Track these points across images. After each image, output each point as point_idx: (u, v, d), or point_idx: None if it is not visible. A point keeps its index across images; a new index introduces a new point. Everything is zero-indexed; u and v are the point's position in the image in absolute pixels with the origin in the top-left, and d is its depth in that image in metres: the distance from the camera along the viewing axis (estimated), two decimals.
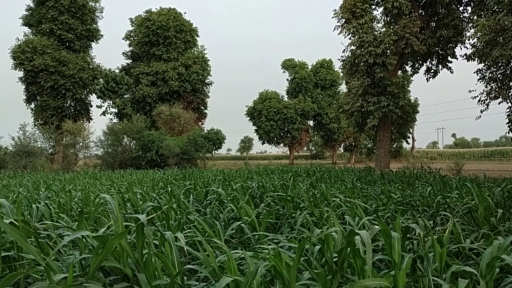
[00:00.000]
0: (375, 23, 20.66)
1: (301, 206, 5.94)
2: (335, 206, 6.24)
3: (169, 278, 2.77)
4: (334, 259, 2.80)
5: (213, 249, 3.49)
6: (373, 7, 21.54)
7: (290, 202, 5.91)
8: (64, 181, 15.22)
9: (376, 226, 3.27)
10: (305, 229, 4.75)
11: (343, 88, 53.27)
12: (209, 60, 50.65)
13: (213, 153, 54.36)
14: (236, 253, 3.13)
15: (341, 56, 21.07)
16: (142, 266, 2.60)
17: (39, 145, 35.98)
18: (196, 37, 50.88)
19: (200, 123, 50.26)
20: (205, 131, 45.59)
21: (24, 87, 42.60)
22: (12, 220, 2.63)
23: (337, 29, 20.67)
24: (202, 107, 51.26)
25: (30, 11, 43.29)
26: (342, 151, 64.47)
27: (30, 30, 43.32)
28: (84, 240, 3.04)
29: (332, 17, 20.74)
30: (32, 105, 43.22)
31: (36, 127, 38.23)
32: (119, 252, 2.57)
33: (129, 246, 2.62)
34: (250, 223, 4.94)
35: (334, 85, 55.28)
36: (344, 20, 20.34)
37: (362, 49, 19.11)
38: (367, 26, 19.55)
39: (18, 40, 42.10)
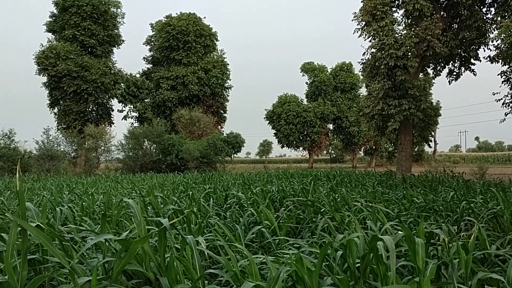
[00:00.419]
0: (395, 25, 20.43)
1: (321, 210, 5.90)
2: (356, 211, 6.17)
3: (190, 282, 2.78)
4: (357, 265, 2.77)
5: (234, 253, 3.49)
6: (394, 9, 21.33)
7: (311, 207, 5.87)
8: (87, 185, 15.46)
9: (399, 232, 3.22)
10: (326, 234, 4.71)
11: (363, 91, 52.88)
12: (228, 64, 50.98)
13: (232, 156, 54.60)
14: (257, 257, 3.12)
15: (361, 59, 20.90)
16: (164, 270, 2.62)
17: (62, 149, 36.70)
18: (215, 41, 51.22)
19: (219, 126, 50.51)
20: (225, 134, 45.82)
21: (47, 92, 43.61)
22: (38, 223, 2.68)
23: (357, 31, 20.52)
24: (222, 111, 51.52)
25: (53, 18, 44.32)
26: (362, 154, 63.89)
27: (54, 36, 44.34)
28: (107, 243, 3.07)
29: (352, 20, 20.62)
30: (56, 110, 44.21)
31: (59, 131, 39.01)
32: (141, 255, 2.59)
33: (151, 250, 2.64)
34: (271, 227, 4.92)
35: (354, 88, 54.85)
36: (364, 22, 20.18)
37: (383, 52, 18.91)
38: (388, 28, 19.34)
39: (42, 46, 43.18)
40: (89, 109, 44.28)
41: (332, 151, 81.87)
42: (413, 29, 19.53)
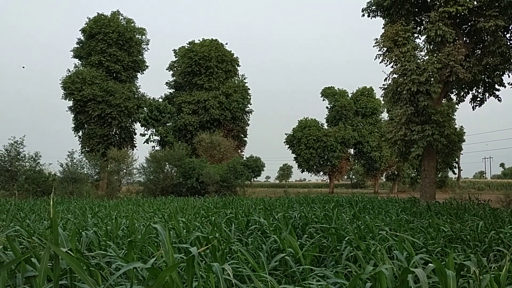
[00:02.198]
0: (417, 51, 20.39)
1: (345, 238, 5.80)
2: (381, 239, 6.06)
3: None
4: None
5: (256, 282, 3.45)
6: (416, 35, 21.35)
7: (334, 234, 5.78)
8: (109, 208, 15.62)
9: (430, 264, 3.15)
10: (351, 264, 4.62)
11: (384, 116, 52.53)
12: (249, 88, 51.56)
13: (252, 180, 54.52)
14: (284, 287, 3.08)
15: (383, 84, 20.82)
16: None
17: (85, 172, 37.27)
18: (237, 67, 52.00)
19: (239, 150, 50.70)
20: (245, 158, 45.94)
21: (73, 116, 44.71)
22: (68, 249, 2.72)
23: (379, 57, 20.52)
24: (242, 135, 51.82)
25: (80, 44, 45.80)
26: (384, 180, 62.97)
27: (80, 62, 45.72)
28: (134, 270, 3.09)
29: (373, 46, 20.65)
30: (80, 133, 45.16)
31: (83, 154, 39.72)
32: (169, 283, 2.59)
33: (179, 278, 2.64)
34: (294, 255, 4.86)
35: (375, 113, 54.55)
36: (385, 48, 20.20)
37: (405, 77, 18.82)
38: (410, 54, 19.29)
39: (69, 71, 44.50)
40: (113, 133, 45.12)
41: (353, 176, 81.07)
42: (435, 55, 19.45)
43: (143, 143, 46.90)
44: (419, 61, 19.34)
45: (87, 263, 2.81)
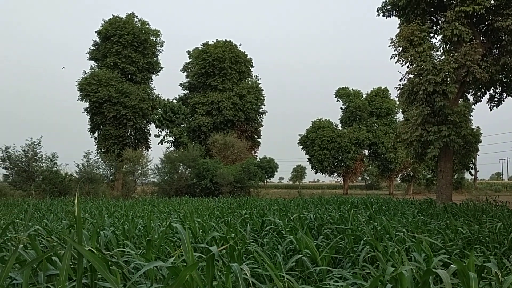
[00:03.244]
0: (433, 51, 20.19)
1: (362, 239, 5.76)
2: (398, 241, 6.00)
3: None
4: None
5: (274, 283, 3.45)
6: (432, 35, 21.13)
7: (351, 235, 5.75)
8: (125, 208, 15.76)
9: (452, 266, 3.11)
10: (368, 265, 4.60)
11: (399, 116, 52.05)
12: (262, 89, 51.56)
13: (265, 181, 54.50)
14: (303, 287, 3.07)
15: (398, 85, 20.67)
16: None
17: (101, 172, 37.70)
18: (250, 68, 52.05)
19: (253, 151, 50.72)
20: (258, 159, 45.92)
21: (88, 117, 45.24)
22: (91, 248, 2.76)
23: (394, 57, 20.38)
24: (256, 136, 51.84)
25: (96, 46, 46.34)
26: (399, 181, 62.41)
27: (96, 64, 46.25)
28: (153, 269, 3.11)
29: (389, 46, 20.52)
30: (96, 134, 45.68)
31: (98, 155, 40.16)
32: (189, 282, 2.61)
33: (199, 277, 2.65)
34: (311, 256, 4.85)
35: (390, 113, 54.07)
36: (401, 48, 20.04)
37: (421, 78, 18.66)
38: (426, 54, 19.12)
39: (85, 73, 45.07)
40: (128, 134, 45.54)
41: (368, 177, 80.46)
42: (452, 54, 19.23)
43: (158, 144, 47.26)
44: (435, 61, 19.15)
45: (109, 260, 2.84)
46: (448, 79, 18.58)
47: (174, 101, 49.79)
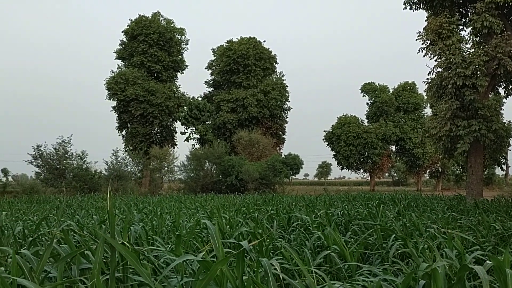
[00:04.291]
0: (463, 44, 19.67)
1: (391, 235, 5.68)
2: (428, 237, 5.89)
3: None
4: None
5: (303, 278, 3.43)
6: (461, 27, 20.58)
7: (384, 230, 5.68)
8: (152, 204, 16.01)
9: (488, 262, 3.02)
10: (398, 261, 4.52)
11: (427, 111, 51.02)
12: (287, 86, 51.36)
13: (290, 178, 54.34)
14: (333, 284, 3.04)
15: (426, 79, 20.22)
16: None
17: (129, 169, 38.41)
18: (275, 64, 51.91)
19: (278, 148, 50.66)
20: (283, 156, 45.85)
21: (116, 115, 46.08)
22: (124, 242, 2.81)
23: (422, 51, 19.95)
24: (280, 133, 51.74)
25: (123, 46, 47.10)
26: (428, 177, 61.20)
27: (123, 63, 47.04)
28: (183, 263, 3.14)
29: (416, 39, 20.09)
30: (123, 132, 46.51)
31: (126, 153, 40.92)
32: (219, 277, 2.63)
33: (229, 272, 2.67)
34: (339, 252, 4.81)
35: (418, 108, 52.99)
36: (429, 41, 19.60)
37: (450, 71, 18.21)
38: (455, 47, 18.64)
39: (113, 72, 45.90)
40: (154, 132, 46.20)
41: (395, 174, 79.24)
42: (482, 47, 18.70)
43: (184, 141, 47.82)
44: (464, 54, 18.67)
45: (140, 254, 2.88)
46: (478, 72, 18.08)
47: (199, 98, 50.18)
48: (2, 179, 46.02)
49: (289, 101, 51.52)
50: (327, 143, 53.83)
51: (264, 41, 50.88)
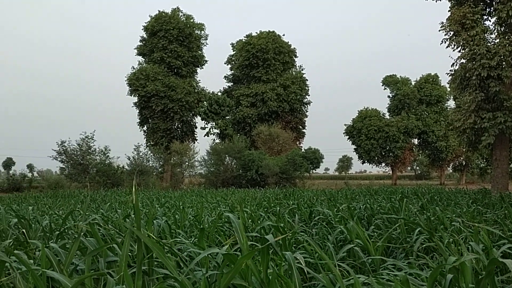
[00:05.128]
0: (487, 34, 19.19)
1: (415, 229, 5.60)
2: (453, 231, 5.79)
3: None
4: None
5: (326, 272, 3.42)
6: (485, 17, 20.07)
7: (409, 223, 5.61)
8: (174, 198, 16.17)
9: None
10: (422, 255, 4.46)
11: (451, 104, 50.06)
12: (307, 80, 51.08)
13: (311, 172, 54.12)
14: (359, 277, 3.02)
15: (450, 70, 19.84)
16: (267, 286, 2.64)
17: (150, 164, 38.87)
18: (294, 58, 51.64)
19: (298, 142, 50.51)
20: (303, 150, 45.69)
21: (138, 111, 46.65)
22: (149, 234, 2.84)
23: (445, 42, 19.55)
24: (300, 127, 51.55)
25: (143, 42, 47.54)
26: (451, 171, 60.12)
27: (144, 59, 47.50)
28: (207, 257, 3.16)
29: (439, 30, 19.69)
30: (145, 128, 47.07)
31: (148, 148, 41.41)
32: (244, 270, 2.64)
33: (254, 265, 2.68)
34: (362, 246, 4.77)
35: (441, 101, 51.99)
36: (452, 32, 19.20)
37: (474, 62, 17.81)
38: (479, 37, 18.21)
39: (133, 68, 46.41)
40: (175, 127, 46.60)
41: (417, 167, 78.15)
42: (507, 37, 18.21)
43: (204, 136, 48.05)
44: (489, 44, 18.23)
45: (165, 247, 2.92)
46: (504, 63, 17.64)
47: (219, 93, 50.33)
48: (28, 175, 47.11)
49: (309, 95, 51.33)
50: (347, 137, 53.40)
51: (284, 35, 50.74)
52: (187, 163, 40.24)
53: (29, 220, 6.51)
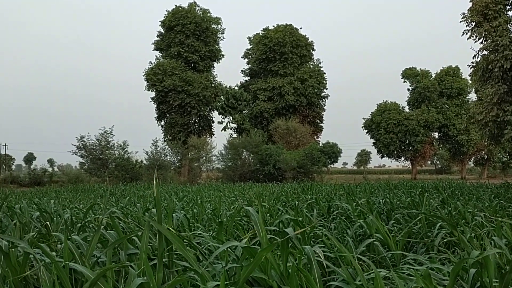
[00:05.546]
0: (510, 25, 18.74)
1: (436, 224, 5.52)
2: (476, 226, 5.69)
3: None
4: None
5: (346, 266, 3.39)
6: (508, 7, 19.60)
7: (425, 220, 5.53)
8: (192, 193, 16.27)
9: None
10: (445, 249, 4.39)
11: (472, 96, 49.12)
12: (325, 73, 50.67)
13: (329, 166, 53.84)
14: (379, 271, 2.99)
15: (471, 62, 19.46)
16: (287, 279, 2.63)
17: (168, 159, 39.19)
18: (312, 51, 51.27)
19: (315, 136, 50.26)
20: (321, 144, 45.44)
21: (155, 106, 47.00)
22: (169, 228, 2.86)
23: (466, 33, 19.18)
24: (318, 121, 51.26)
25: (160, 37, 47.80)
26: (472, 165, 59.07)
27: (161, 54, 47.78)
28: (227, 250, 3.17)
29: (461, 21, 19.32)
30: (162, 122, 47.42)
31: (165, 143, 41.74)
32: (264, 263, 2.63)
33: (274, 259, 2.67)
34: (382, 241, 4.73)
35: (462, 93, 50.98)
36: (474, 23, 18.81)
37: (496, 54, 17.44)
38: (502, 28, 17.81)
39: (151, 63, 46.73)
40: (192, 121, 46.83)
41: (438, 161, 77.06)
42: None
43: (221, 130, 48.24)
44: None
45: (185, 240, 2.93)
46: None
47: (236, 88, 50.36)
48: (48, 169, 48.04)
49: (326, 89, 50.96)
50: (366, 131, 52.90)
51: (301, 28, 50.43)
52: (204, 158, 40.46)
53: (50, 213, 6.63)
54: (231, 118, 47.21)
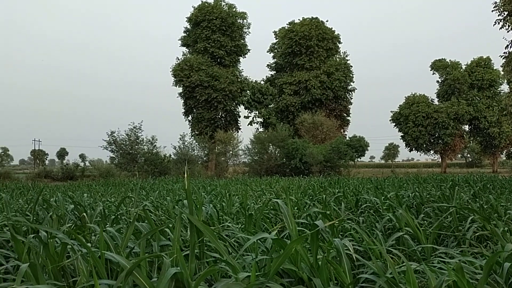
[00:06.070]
0: None
1: (467, 218, 5.42)
2: (509, 219, 5.56)
3: (338, 286, 2.77)
4: None
5: (375, 259, 3.38)
6: None
7: (456, 214, 5.44)
8: (219, 186, 16.42)
9: None
10: (475, 243, 4.33)
11: (505, 88, 47.61)
12: (351, 66, 50.03)
13: (356, 160, 53.31)
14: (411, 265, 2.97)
15: (504, 52, 18.89)
16: (317, 271, 2.65)
17: (195, 153, 39.62)
18: (338, 44, 50.67)
19: (342, 130, 49.79)
20: (348, 138, 44.99)
21: (182, 101, 47.51)
22: (202, 220, 2.93)
23: (498, 23, 18.60)
24: (345, 114, 50.75)
25: (187, 33, 48.19)
26: (504, 158, 57.40)
27: (188, 50, 48.19)
28: (256, 242, 3.22)
29: (492, 11, 18.75)
30: (189, 117, 47.91)
31: (193, 137, 42.20)
32: (294, 255, 2.67)
33: (304, 251, 2.70)
34: (412, 234, 4.68)
35: (494, 85, 49.48)
36: (506, 12, 18.21)
37: None
38: None
39: (178, 59, 47.20)
40: (219, 116, 47.14)
41: (468, 155, 75.23)
42: None
43: (247, 125, 48.38)
44: None
45: (216, 231, 2.99)
46: None
47: (262, 82, 50.33)
48: (80, 164, 49.33)
49: (353, 82, 50.34)
50: (394, 124, 52.10)
51: (327, 21, 49.85)
52: (231, 152, 40.72)
53: (84, 206, 6.85)
54: (257, 112, 47.25)
